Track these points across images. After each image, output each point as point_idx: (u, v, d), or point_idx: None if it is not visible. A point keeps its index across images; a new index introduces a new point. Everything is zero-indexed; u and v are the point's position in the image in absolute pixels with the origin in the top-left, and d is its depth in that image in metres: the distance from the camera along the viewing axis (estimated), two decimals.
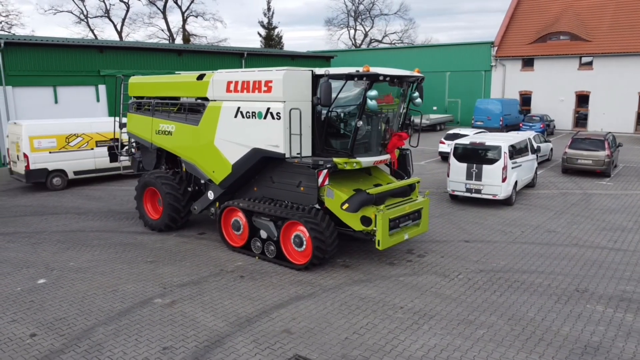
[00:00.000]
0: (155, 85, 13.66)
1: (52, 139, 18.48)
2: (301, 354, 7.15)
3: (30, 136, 18.07)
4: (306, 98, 10.31)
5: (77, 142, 18.92)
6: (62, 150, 18.69)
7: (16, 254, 11.62)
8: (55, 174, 18.70)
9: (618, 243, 12.12)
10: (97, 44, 26.76)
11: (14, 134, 18.75)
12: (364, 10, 69.56)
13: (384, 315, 8.35)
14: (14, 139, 18.82)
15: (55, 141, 18.51)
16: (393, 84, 10.54)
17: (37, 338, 7.68)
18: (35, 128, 18.29)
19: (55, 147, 18.47)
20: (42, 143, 18.26)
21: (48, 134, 18.41)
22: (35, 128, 18.29)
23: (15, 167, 19.05)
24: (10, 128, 19.15)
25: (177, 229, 13.30)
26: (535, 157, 18.47)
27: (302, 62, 37.94)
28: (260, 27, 59.57)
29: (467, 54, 41.88)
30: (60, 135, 18.64)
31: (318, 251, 10.09)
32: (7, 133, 19.49)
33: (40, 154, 18.22)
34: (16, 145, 18.59)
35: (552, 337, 7.61)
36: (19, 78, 24.16)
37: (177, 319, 8.26)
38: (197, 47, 32.65)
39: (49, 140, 18.40)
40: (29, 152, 18.00)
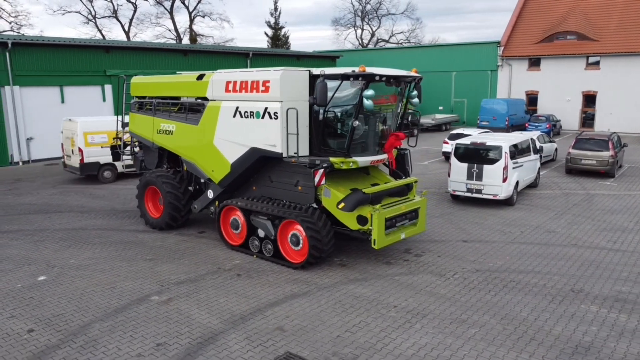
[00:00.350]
0: (157, 85, 13.80)
1: (103, 135, 19.59)
2: (293, 352, 7.22)
3: (85, 132, 19.34)
4: (303, 98, 10.38)
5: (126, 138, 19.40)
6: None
7: (18, 251, 11.79)
8: (107, 167, 19.95)
9: (617, 244, 12.08)
10: (104, 44, 27.03)
11: (68, 129, 19.85)
12: (371, 10, 69.54)
13: (377, 314, 8.40)
14: (68, 135, 19.91)
15: (106, 137, 19.39)
16: (390, 84, 10.57)
17: (35, 334, 7.82)
18: (89, 124, 19.55)
19: (106, 142, 19.20)
20: (94, 138, 19.50)
21: (100, 130, 19.59)
22: (89, 124, 19.55)
23: (69, 161, 20.22)
24: (65, 124, 20.16)
25: (177, 227, 13.42)
26: (538, 158, 18.41)
27: (308, 62, 38.02)
28: (267, 27, 59.74)
29: (473, 54, 41.74)
30: (111, 131, 18.90)
31: (314, 250, 10.16)
32: (62, 129, 20.51)
33: (93, 148, 19.44)
34: (71, 140, 19.72)
35: (544, 336, 7.62)
36: (26, 78, 24.47)
37: (173, 316, 8.37)
38: (203, 47, 32.85)
39: (101, 136, 19.58)
40: (83, 146, 19.23)
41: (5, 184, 20.07)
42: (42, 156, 25.33)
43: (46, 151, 25.36)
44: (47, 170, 23.19)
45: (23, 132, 24.74)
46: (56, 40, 26.24)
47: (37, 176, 21.76)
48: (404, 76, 10.45)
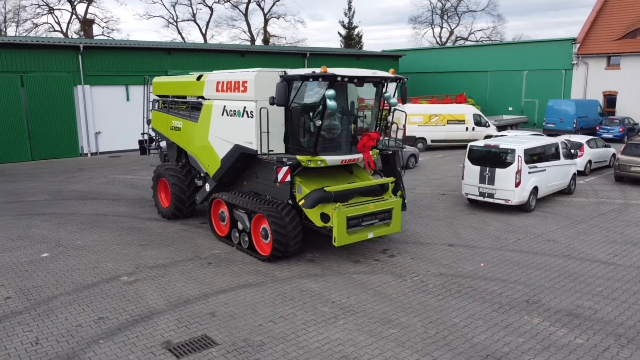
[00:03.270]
0: (170, 85, 14.90)
1: (420, 117, 27.87)
2: (208, 335, 7.74)
3: (409, 114, 25.42)
4: None
5: (435, 120, 28.06)
6: (426, 124, 27.98)
7: (41, 231, 13.39)
8: (419, 140, 27.90)
9: (617, 257, 11.20)
10: (165, 47, 29.15)
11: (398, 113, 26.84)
12: (451, 7, 67.64)
13: (311, 308, 8.66)
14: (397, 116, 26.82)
15: (422, 119, 27.88)
16: (360, 85, 10.69)
17: (9, 300, 9.02)
18: (412, 109, 27.34)
19: (422, 122, 27.85)
20: (414, 119, 27.25)
21: (419, 113, 27.86)
22: (412, 109, 27.34)
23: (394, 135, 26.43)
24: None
25: (183, 217, 14.42)
26: (571, 163, 17.26)
27: (368, 62, 38.10)
28: (341, 27, 60.35)
29: (546, 52, 39.32)
30: (426, 114, 28.07)
31: (278, 244, 10.57)
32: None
33: (413, 126, 27.26)
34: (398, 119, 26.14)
35: (460, 343, 7.46)
36: (96, 78, 27.07)
37: (128, 295, 9.22)
38: (260, 48, 34.17)
39: (418, 118, 27.72)
40: (407, 124, 25.52)
41: (67, 173, 22.48)
42: (108, 149, 27.88)
43: (112, 144, 27.86)
44: (109, 162, 25.57)
45: (92, 127, 27.41)
46: (122, 43, 28.73)
47: (97, 167, 24.09)
48: (369, 77, 10.50)
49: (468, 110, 29.26)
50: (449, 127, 28.44)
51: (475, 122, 28.71)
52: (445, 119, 28.47)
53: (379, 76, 10.65)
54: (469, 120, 28.63)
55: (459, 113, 28.91)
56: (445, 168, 23.03)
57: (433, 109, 29.18)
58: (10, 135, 24.82)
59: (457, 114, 28.85)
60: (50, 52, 25.58)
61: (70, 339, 7.64)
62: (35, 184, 19.75)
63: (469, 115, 28.78)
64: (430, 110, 29.00)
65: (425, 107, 29.85)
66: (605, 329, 7.90)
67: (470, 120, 28.63)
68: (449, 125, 28.46)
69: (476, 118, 28.87)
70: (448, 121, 28.45)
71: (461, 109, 29.48)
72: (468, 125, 28.57)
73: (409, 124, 27.13)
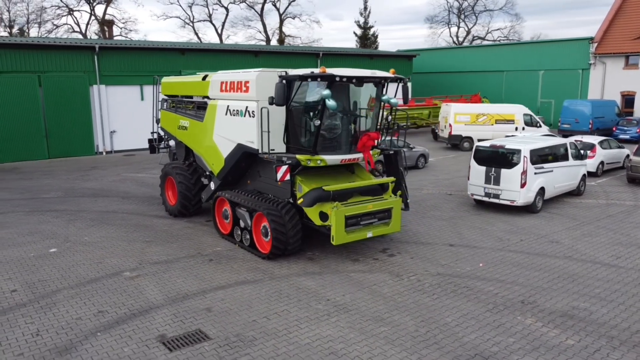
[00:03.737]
0: (178, 85, 15.16)
1: (467, 116, 27.98)
2: (203, 329, 7.91)
3: (456, 113, 27.90)
4: None
5: (483, 119, 28.00)
6: (473, 124, 27.90)
7: (51, 227, 13.75)
8: (465, 140, 27.95)
9: (620, 259, 11.08)
10: (179, 47, 29.55)
11: (445, 111, 28.88)
12: (468, 6, 67.09)
13: (305, 305, 8.77)
14: (444, 115, 29.07)
15: (469, 117, 27.96)
16: (360, 85, 10.77)
17: (15, 293, 9.32)
18: (458, 108, 28.37)
19: (469, 121, 27.88)
20: (461, 118, 27.80)
21: (466, 112, 28.13)
22: (458, 108, 28.37)
23: (441, 134, 29.33)
24: (443, 107, 29.56)
25: (189, 215, 14.65)
26: (581, 164, 17.07)
27: (381, 61, 38.06)
28: (357, 27, 60.33)
29: (563, 51, 38.80)
30: (473, 113, 28.12)
31: (277, 242, 10.70)
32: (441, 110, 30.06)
33: (459, 125, 27.76)
34: (445, 119, 28.60)
35: (450, 342, 7.50)
36: (111, 77, 27.58)
37: (129, 290, 9.45)
38: (274, 48, 34.39)
39: (465, 117, 27.93)
40: (453, 123, 27.71)
41: (81, 171, 22.97)
42: (122, 147, 28.37)
43: (126, 143, 28.35)
44: (122, 160, 26.03)
45: (107, 126, 27.93)
46: (137, 44, 29.22)
47: (111, 165, 24.56)
48: (367, 77, 10.56)
49: (518, 110, 28.34)
50: (497, 127, 27.45)
51: (526, 122, 27.81)
52: (493, 119, 27.91)
53: (378, 76, 10.70)
54: (519, 120, 27.74)
55: (509, 113, 28.17)
56: (456, 168, 22.92)
57: (481, 108, 28.91)
58: (28, 133, 25.45)
59: (506, 113, 28.16)
60: (67, 53, 26.16)
61: (69, 331, 7.88)
62: (49, 182, 20.24)
63: (519, 115, 27.94)
64: (478, 109, 28.74)
65: (472, 106, 29.64)
66: (599, 330, 7.86)
67: (520, 120, 27.76)
68: (497, 125, 27.63)
69: (527, 118, 28.01)
70: (496, 121, 27.81)
71: (511, 109, 28.66)
72: (518, 125, 27.63)
73: (455, 122, 27.94)
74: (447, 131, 28.15)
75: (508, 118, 27.96)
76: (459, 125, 27.72)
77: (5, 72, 24.67)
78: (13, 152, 25.12)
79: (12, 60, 24.79)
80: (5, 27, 59.73)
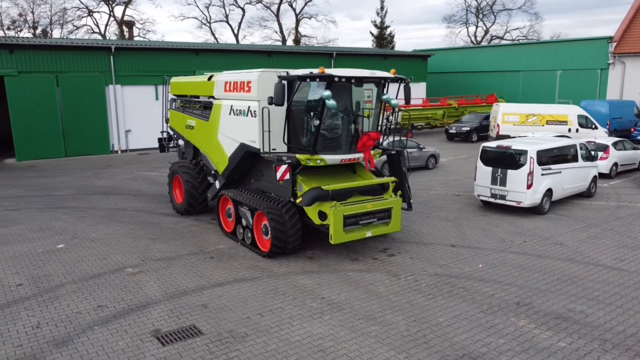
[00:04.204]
0: (186, 85, 15.40)
1: (516, 116, 27.42)
2: (197, 325, 8.06)
3: (504, 113, 27.58)
4: None
5: (533, 120, 27.21)
6: (522, 124, 27.16)
7: (61, 223, 14.10)
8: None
9: (623, 262, 10.92)
10: (193, 47, 29.94)
11: (495, 111, 28.80)
12: (486, 5, 66.41)
13: (300, 303, 8.86)
14: (493, 114, 29.06)
15: (518, 118, 27.29)
16: (359, 85, 10.82)
17: (20, 287, 9.61)
18: (508, 108, 28.09)
19: (517, 121, 27.20)
20: (509, 118, 27.32)
21: (515, 112, 27.48)
22: (508, 108, 28.09)
23: (491, 133, 29.02)
24: (493, 107, 29.47)
25: (196, 213, 14.87)
26: (591, 165, 16.83)
27: (395, 61, 37.97)
28: (373, 27, 60.21)
29: (581, 51, 38.14)
30: (522, 113, 27.47)
31: (277, 240, 10.82)
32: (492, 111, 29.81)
33: (507, 125, 27.20)
34: (494, 119, 28.52)
35: (440, 342, 7.52)
36: (127, 78, 28.08)
37: (129, 286, 9.66)
38: (287, 49, 34.60)
39: (514, 117, 27.33)
40: (501, 123, 27.44)
41: (96, 169, 23.44)
42: (137, 146, 28.85)
43: (141, 142, 28.82)
44: (136, 159, 26.48)
45: (122, 125, 28.45)
46: (152, 45, 29.69)
47: (125, 164, 25.01)
48: (366, 77, 10.60)
49: (573, 111, 27.07)
50: (548, 128, 26.46)
51: (580, 124, 26.46)
52: (544, 119, 26.94)
53: (377, 76, 10.73)
54: (573, 122, 26.48)
55: (562, 113, 26.97)
56: (466, 169, 22.74)
57: (531, 109, 27.92)
58: (46, 132, 26.07)
59: (558, 114, 27.00)
60: (83, 54, 26.72)
61: (68, 324, 8.11)
62: (64, 179, 20.72)
63: (573, 116, 26.66)
64: (528, 109, 27.82)
65: (523, 106, 28.73)
66: (592, 333, 7.79)
67: (574, 122, 26.48)
68: (549, 126, 26.61)
69: (581, 119, 26.66)
70: (547, 121, 26.85)
71: (564, 109, 27.45)
72: (571, 126, 26.41)
73: (503, 122, 27.36)
74: (495, 131, 27.61)
75: (560, 119, 26.74)
76: (507, 125, 26.90)
77: (24, 73, 25.32)
78: (31, 150, 25.77)
79: (31, 61, 25.44)
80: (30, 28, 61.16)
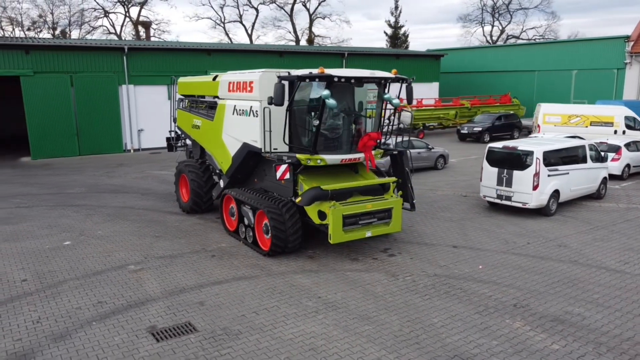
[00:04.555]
0: (192, 85, 15.56)
1: (558, 117, 26.51)
2: (192, 322, 8.17)
3: (544, 113, 26.87)
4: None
5: (576, 121, 26.36)
6: (564, 125, 26.17)
7: (70, 221, 14.37)
8: None
9: (627, 265, 10.76)
10: (205, 47, 30.20)
11: (537, 111, 27.81)
12: (502, 5, 65.74)
13: (296, 302, 8.92)
14: (536, 115, 28.12)
15: (560, 118, 26.44)
16: (359, 85, 10.83)
17: (25, 283, 9.83)
18: (549, 108, 27.22)
19: (559, 122, 26.37)
20: (550, 119, 26.57)
21: (557, 113, 26.67)
22: (549, 108, 27.22)
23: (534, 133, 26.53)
24: (536, 107, 28.31)
25: (201, 212, 15.03)
26: (601, 167, 16.59)
27: (407, 61, 37.82)
28: (387, 26, 60.00)
29: (597, 51, 37.60)
30: (565, 114, 26.59)
31: (277, 239, 10.89)
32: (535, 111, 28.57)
33: (548, 126, 26.29)
34: (536, 119, 27.63)
35: (432, 342, 7.51)
36: (139, 77, 28.46)
37: (130, 282, 9.82)
38: (298, 49, 34.70)
39: (555, 117, 26.55)
40: (541, 123, 26.78)
41: (108, 168, 23.81)
42: (149, 146, 29.22)
43: (153, 141, 29.16)
44: (148, 158, 26.82)
45: (135, 125, 28.84)
46: (164, 45, 30.02)
47: (137, 163, 25.35)
48: (366, 77, 10.61)
49: (619, 112, 25.91)
50: (592, 129, 25.41)
51: (628, 126, 25.39)
52: (588, 120, 26.01)
53: (377, 77, 10.74)
54: (619, 123, 25.39)
55: (607, 115, 25.91)
56: (476, 170, 22.53)
57: (574, 109, 27.19)
58: (60, 131, 26.55)
59: (604, 115, 25.99)
60: (97, 54, 27.15)
61: (67, 319, 8.28)
62: (76, 178, 21.08)
63: (620, 118, 25.57)
64: (570, 109, 27.06)
65: (565, 106, 28.01)
66: (588, 336, 7.71)
67: (620, 123, 25.41)
68: (593, 127, 25.67)
69: (629, 121, 25.55)
70: (591, 122, 25.93)
71: (610, 110, 26.26)
72: (617, 128, 25.34)
73: (544, 123, 26.64)
74: (535, 132, 26.65)
75: (606, 120, 25.76)
76: (548, 126, 26.01)
77: (40, 73, 25.82)
78: (46, 149, 26.27)
79: (46, 61, 25.93)
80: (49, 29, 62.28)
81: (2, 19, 58.07)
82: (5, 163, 25.40)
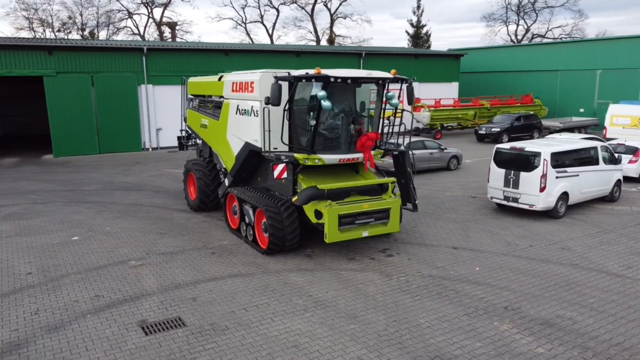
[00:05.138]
0: (201, 85, 15.83)
1: (627, 118, 24.93)
2: (182, 317, 8.36)
3: (612, 114, 25.48)
4: (282, 98, 11.20)
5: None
6: (634, 127, 24.62)
7: (81, 217, 14.79)
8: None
9: (629, 270, 10.53)
10: (223, 48, 30.58)
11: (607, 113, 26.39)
12: (528, 3, 64.57)
13: (286, 299, 9.03)
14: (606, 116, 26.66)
15: (629, 120, 24.81)
16: (357, 85, 10.86)
17: (29, 276, 10.20)
18: (618, 109, 25.79)
19: (629, 124, 24.66)
20: (618, 120, 25.09)
21: (625, 114, 25.04)
22: (618, 109, 25.79)
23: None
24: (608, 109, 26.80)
25: (208, 210, 15.28)
26: (615, 169, 16.21)
27: (426, 61, 37.53)
28: (409, 26, 59.65)
29: (622, 50, 36.63)
30: (635, 116, 24.75)
31: (274, 238, 11.02)
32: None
33: (616, 128, 24.96)
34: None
35: (415, 343, 7.51)
36: (158, 77, 29.00)
37: (128, 277, 10.09)
38: (316, 49, 34.79)
39: (624, 119, 24.99)
40: (608, 125, 25.50)
41: (125, 166, 24.36)
42: (167, 144, 29.73)
43: (171, 140, 29.50)
44: (165, 157, 27.33)
45: (154, 124, 29.41)
46: (182, 45, 30.52)
47: (154, 161, 25.86)
48: (362, 77, 10.63)
49: None
50: None
51: None
52: None
53: (373, 77, 10.74)
54: None
55: None
56: None
57: None
58: (81, 130, 27.27)
59: None
60: (117, 54, 27.79)
61: (64, 312, 8.57)
62: (93, 175, 21.65)
63: None
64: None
65: (635, 107, 26.27)
66: (576, 340, 7.59)
67: None
68: None
69: None
70: None
71: None
72: None
73: (611, 125, 25.29)
74: (602, 134, 25.84)
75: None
76: (616, 128, 24.77)
77: (62, 73, 26.58)
78: (67, 147, 27.03)
79: (68, 62, 26.67)
80: (78, 30, 63.94)
81: (33, 21, 59.96)
82: (29, 160, 26.24)
